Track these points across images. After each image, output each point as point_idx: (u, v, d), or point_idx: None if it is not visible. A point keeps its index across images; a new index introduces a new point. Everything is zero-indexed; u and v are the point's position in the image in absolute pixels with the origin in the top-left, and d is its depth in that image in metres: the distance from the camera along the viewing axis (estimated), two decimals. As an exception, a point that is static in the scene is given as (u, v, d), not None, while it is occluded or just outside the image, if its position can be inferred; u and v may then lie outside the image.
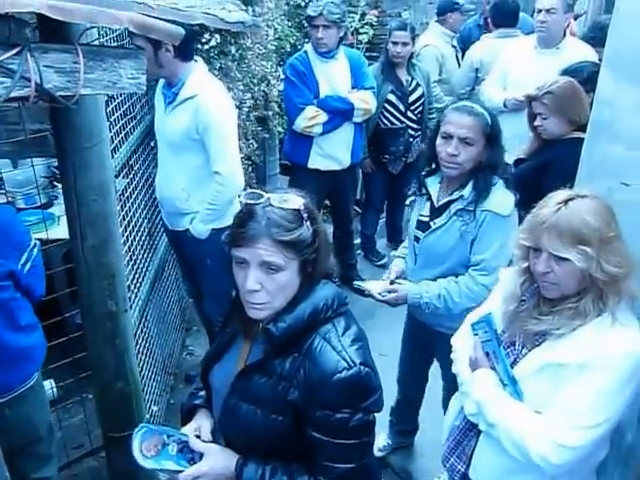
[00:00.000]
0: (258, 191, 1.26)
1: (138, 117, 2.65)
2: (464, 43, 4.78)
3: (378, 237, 4.65)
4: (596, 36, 3.51)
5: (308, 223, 1.25)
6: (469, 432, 1.73)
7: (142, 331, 2.52)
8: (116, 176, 2.21)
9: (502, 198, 2.07)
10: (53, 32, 1.23)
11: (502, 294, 1.66)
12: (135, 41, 2.36)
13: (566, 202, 1.43)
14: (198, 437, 1.40)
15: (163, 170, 2.75)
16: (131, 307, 2.30)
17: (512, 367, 1.55)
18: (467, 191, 2.07)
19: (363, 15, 5.33)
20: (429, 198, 2.20)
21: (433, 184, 2.18)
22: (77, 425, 2.55)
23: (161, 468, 1.34)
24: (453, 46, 4.67)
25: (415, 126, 4.05)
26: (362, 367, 1.24)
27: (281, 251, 1.20)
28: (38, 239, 2.46)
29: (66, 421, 2.55)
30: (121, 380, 2.18)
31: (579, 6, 5.10)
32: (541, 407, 1.49)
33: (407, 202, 4.87)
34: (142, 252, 2.63)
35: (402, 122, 3.97)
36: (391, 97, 3.90)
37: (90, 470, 2.47)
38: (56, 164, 2.85)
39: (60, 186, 2.83)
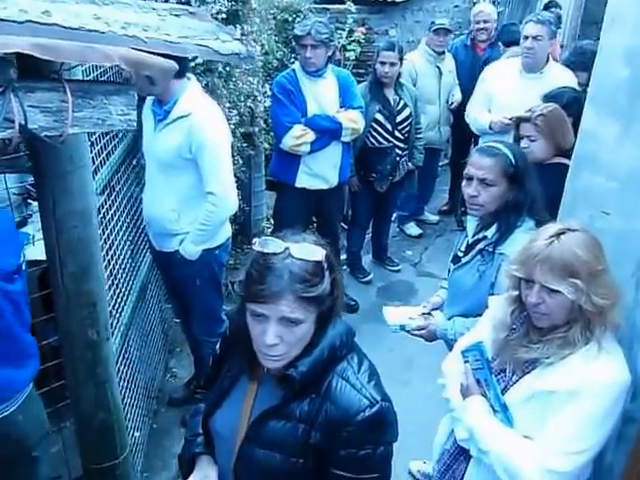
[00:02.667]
0: (275, 240, 1.20)
1: (120, 135, 2.58)
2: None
3: (364, 253, 4.64)
4: (576, 60, 3.60)
5: (328, 273, 1.22)
6: (459, 456, 1.75)
7: (124, 357, 2.45)
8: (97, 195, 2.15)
9: (523, 242, 2.04)
10: (34, 68, 1.17)
11: (492, 322, 1.68)
12: None
13: (558, 235, 1.47)
14: None
15: (152, 190, 2.69)
16: (112, 334, 2.23)
17: (502, 394, 1.59)
18: (491, 232, 2.05)
19: (351, 32, 5.32)
20: (467, 235, 2.19)
21: (472, 221, 2.17)
22: (55, 455, 2.46)
23: None
24: (437, 66, 4.66)
25: (402, 145, 4.06)
26: (383, 403, 1.24)
27: (303, 306, 1.17)
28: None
29: (44, 452, 2.47)
30: (103, 411, 2.12)
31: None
32: (531, 433, 1.53)
33: (392, 218, 4.93)
34: (124, 275, 2.56)
35: (389, 141, 3.99)
36: (379, 117, 3.91)
37: (68, 502, 2.35)
38: (30, 180, 2.77)
39: (35, 204, 2.75)
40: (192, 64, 2.92)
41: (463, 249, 2.20)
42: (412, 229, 5.21)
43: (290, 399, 1.24)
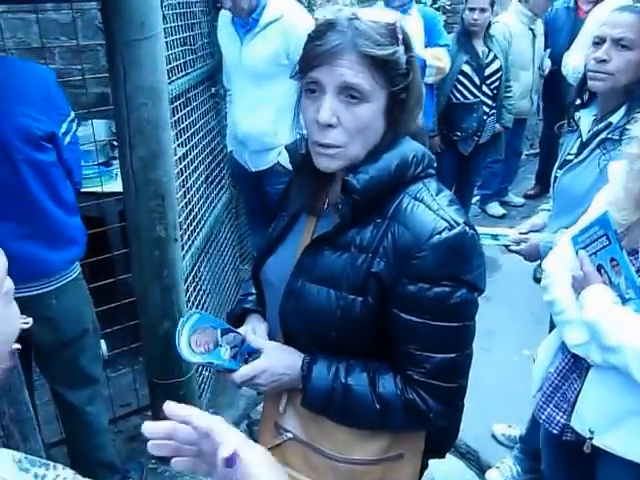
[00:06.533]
0: (340, 5, 0.99)
1: (200, 53, 2.51)
2: (547, 26, 4.43)
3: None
4: None
5: (403, 47, 0.98)
6: (570, 374, 1.44)
7: (194, 280, 2.32)
8: (172, 101, 2.04)
9: None
10: None
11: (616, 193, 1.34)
12: None
13: None
14: None
15: (245, 107, 2.62)
16: (183, 247, 2.11)
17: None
18: (617, 117, 1.67)
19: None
20: (581, 134, 1.82)
21: (587, 116, 1.81)
22: (126, 385, 2.48)
23: (212, 362, 1.07)
24: (531, 29, 4.35)
25: (490, 102, 3.77)
26: (467, 227, 0.97)
27: (369, 71, 0.93)
28: (93, 192, 2.35)
29: (115, 380, 2.46)
30: (168, 319, 2.00)
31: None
32: None
33: (473, 201, 4.55)
34: (197, 196, 2.44)
35: (476, 96, 3.70)
36: (466, 68, 3.64)
37: (135, 427, 2.35)
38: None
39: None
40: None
41: (574, 151, 1.83)
42: (495, 209, 4.85)
43: (349, 218, 0.99)
